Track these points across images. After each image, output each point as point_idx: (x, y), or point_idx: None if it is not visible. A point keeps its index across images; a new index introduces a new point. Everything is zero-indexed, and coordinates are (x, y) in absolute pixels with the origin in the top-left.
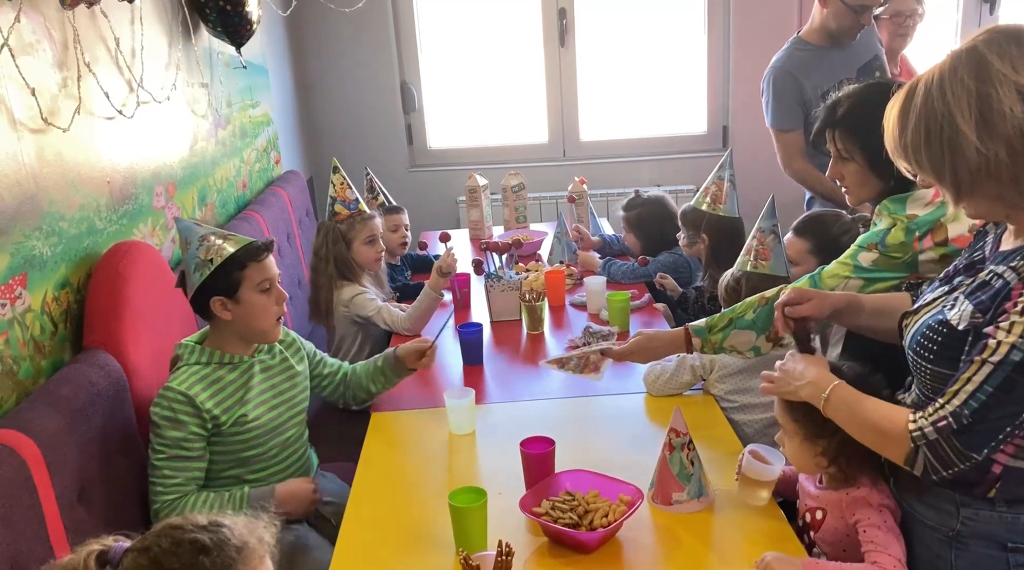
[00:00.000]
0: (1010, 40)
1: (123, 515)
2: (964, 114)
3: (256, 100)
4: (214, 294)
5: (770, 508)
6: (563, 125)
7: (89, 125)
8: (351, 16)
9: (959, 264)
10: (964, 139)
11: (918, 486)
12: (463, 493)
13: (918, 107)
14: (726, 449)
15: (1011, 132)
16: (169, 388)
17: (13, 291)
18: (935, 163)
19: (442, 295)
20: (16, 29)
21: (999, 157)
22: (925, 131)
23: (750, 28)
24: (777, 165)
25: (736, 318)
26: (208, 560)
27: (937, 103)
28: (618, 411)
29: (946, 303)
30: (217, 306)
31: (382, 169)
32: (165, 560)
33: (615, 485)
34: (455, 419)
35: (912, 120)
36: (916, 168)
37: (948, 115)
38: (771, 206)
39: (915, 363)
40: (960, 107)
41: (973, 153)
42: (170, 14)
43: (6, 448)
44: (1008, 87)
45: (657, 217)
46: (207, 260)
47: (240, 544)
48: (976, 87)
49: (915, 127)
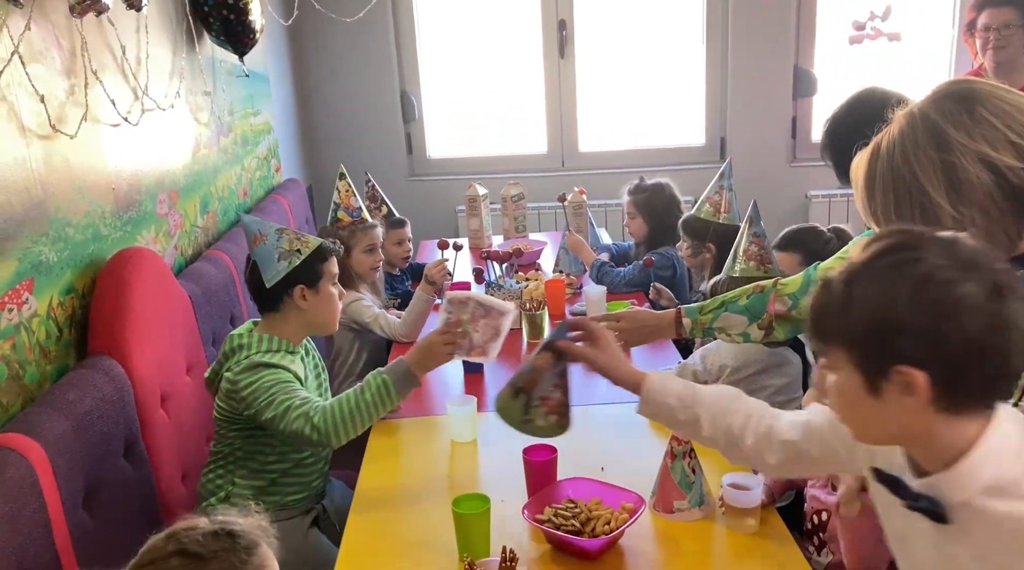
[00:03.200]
0: (959, 107)
1: (128, 520)
2: (934, 185)
3: (257, 108)
4: (298, 283)
5: (770, 516)
6: (562, 135)
7: (95, 132)
8: (352, 25)
9: None
10: (939, 209)
11: None
12: (466, 500)
13: (885, 175)
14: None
15: (982, 198)
16: (255, 366)
17: (20, 296)
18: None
19: (435, 297)
20: (26, 37)
21: (976, 222)
22: (895, 201)
23: (748, 40)
24: (773, 175)
25: (729, 301)
26: (242, 541)
27: (904, 173)
28: (619, 419)
29: None
30: (298, 294)
31: (381, 178)
32: (201, 550)
33: (617, 493)
34: (457, 427)
35: (879, 188)
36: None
37: (918, 186)
38: (755, 210)
39: None
40: (928, 178)
41: (949, 221)
42: (175, 23)
43: (13, 452)
44: (970, 156)
45: (664, 202)
46: (294, 250)
47: (253, 534)
48: (939, 158)
49: (883, 196)
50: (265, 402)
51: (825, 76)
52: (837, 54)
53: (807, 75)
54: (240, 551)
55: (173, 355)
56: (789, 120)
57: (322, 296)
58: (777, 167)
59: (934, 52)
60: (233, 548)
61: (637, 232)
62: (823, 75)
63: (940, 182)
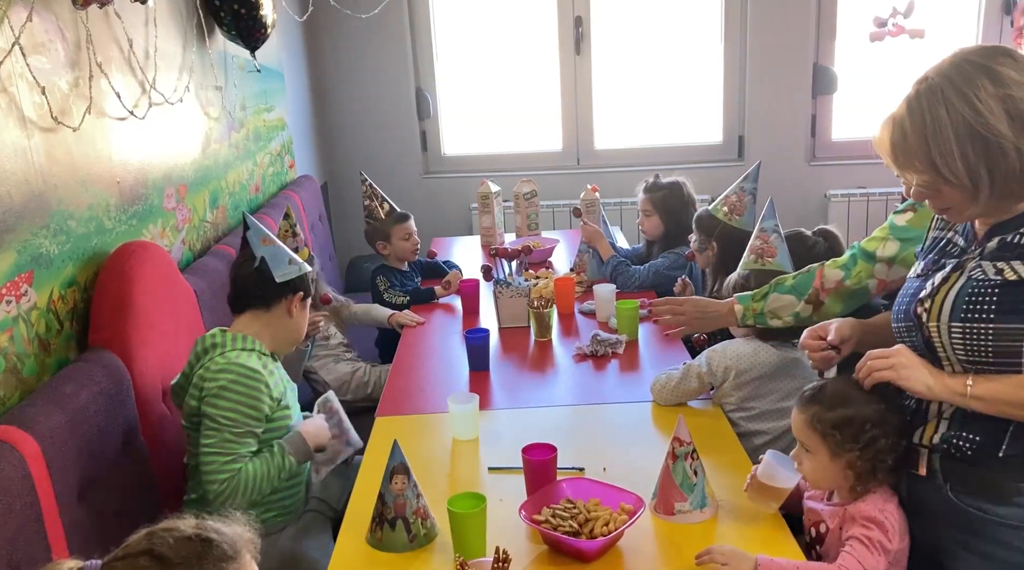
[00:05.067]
0: (996, 52)
1: (124, 516)
2: (999, 119)
3: (271, 104)
4: (300, 290)
5: (774, 519)
6: (577, 133)
7: (100, 125)
8: (367, 22)
9: (941, 247)
10: (1005, 142)
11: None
12: (462, 499)
13: (942, 118)
14: (731, 460)
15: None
16: (235, 364)
17: (19, 288)
18: (971, 168)
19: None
20: (28, 28)
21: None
22: (956, 138)
23: (766, 37)
24: (792, 174)
25: (777, 284)
26: (216, 551)
27: (965, 112)
28: (623, 419)
29: (972, 272)
30: (294, 301)
31: (396, 175)
32: (169, 553)
33: (617, 493)
34: (458, 424)
35: (938, 130)
36: (940, 174)
37: (983, 122)
38: (771, 207)
39: (969, 329)
40: (992, 113)
41: (1014, 154)
42: (184, 17)
43: (5, 445)
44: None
45: (681, 201)
46: (297, 258)
47: (231, 545)
48: (997, 92)
49: (943, 136)
50: (214, 431)
51: (845, 74)
52: (858, 51)
53: (827, 72)
54: (212, 560)
55: (176, 349)
56: (808, 118)
57: (306, 312)
58: (796, 166)
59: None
60: (204, 556)
61: (652, 231)
62: (843, 73)
63: (1004, 116)
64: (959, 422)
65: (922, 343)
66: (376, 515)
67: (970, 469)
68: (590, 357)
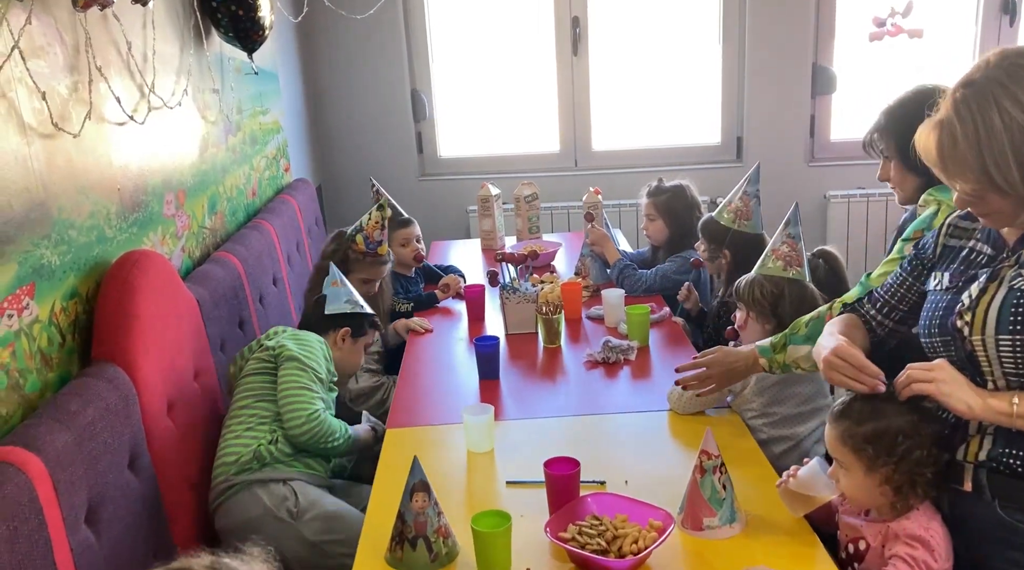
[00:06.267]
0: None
1: (134, 534)
2: None
3: (266, 107)
4: (346, 325)
5: (805, 534)
6: (575, 134)
7: (100, 130)
8: (362, 23)
9: (964, 256)
10: None
11: None
12: (486, 517)
13: (995, 125)
14: (755, 472)
15: None
16: (315, 339)
17: (20, 301)
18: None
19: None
20: (27, 31)
21: None
22: (1011, 145)
23: (765, 37)
24: (791, 175)
25: (790, 335)
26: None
27: (1020, 117)
28: (640, 429)
29: (1013, 281)
30: (340, 334)
31: (392, 178)
32: None
33: (644, 509)
34: (473, 436)
35: (992, 138)
36: (993, 182)
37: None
38: (795, 212)
39: (1019, 342)
40: None
41: None
42: (182, 19)
43: (10, 467)
44: None
45: (685, 205)
46: (358, 304)
47: None
48: None
49: (997, 144)
50: (297, 376)
51: (844, 74)
52: (857, 51)
53: (826, 72)
54: None
55: (180, 360)
56: (807, 119)
57: (356, 348)
58: (795, 167)
59: (956, 50)
60: None
61: (656, 235)
62: (842, 73)
63: None
64: (1004, 438)
65: (964, 357)
66: (396, 534)
67: (1020, 483)
68: (601, 364)
